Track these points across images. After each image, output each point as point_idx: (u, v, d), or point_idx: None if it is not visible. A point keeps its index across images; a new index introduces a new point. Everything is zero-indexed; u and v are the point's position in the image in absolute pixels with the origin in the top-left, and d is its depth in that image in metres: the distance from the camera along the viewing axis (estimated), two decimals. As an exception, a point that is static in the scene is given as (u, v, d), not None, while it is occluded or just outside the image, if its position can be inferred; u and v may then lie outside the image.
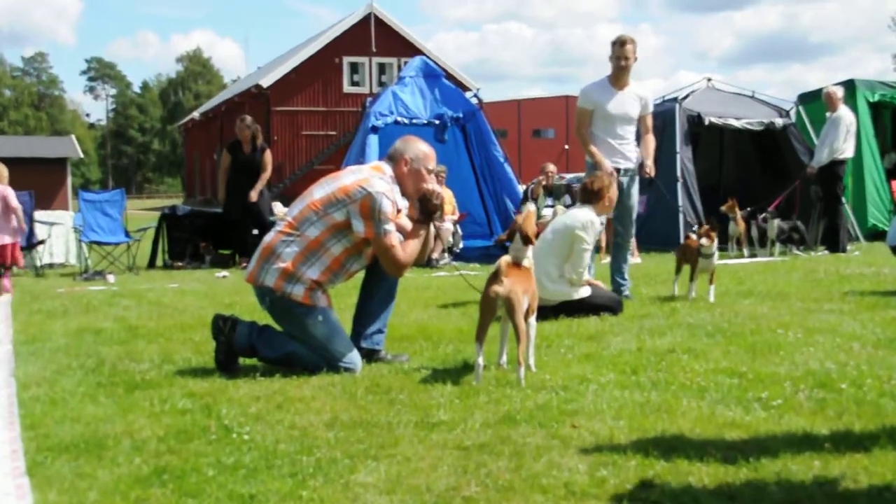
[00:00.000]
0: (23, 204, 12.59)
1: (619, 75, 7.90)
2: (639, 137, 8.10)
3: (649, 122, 8.16)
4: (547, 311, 6.40)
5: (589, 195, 6.75)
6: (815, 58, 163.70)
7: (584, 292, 6.65)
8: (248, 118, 13.24)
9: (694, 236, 7.27)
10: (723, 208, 12.06)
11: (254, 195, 12.71)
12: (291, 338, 5.00)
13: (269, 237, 5.09)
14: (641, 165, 7.86)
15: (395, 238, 4.98)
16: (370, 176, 5.02)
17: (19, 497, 2.98)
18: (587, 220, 6.56)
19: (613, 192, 6.85)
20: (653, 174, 7.91)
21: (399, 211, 5.16)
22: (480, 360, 4.52)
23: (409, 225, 5.19)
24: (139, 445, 3.55)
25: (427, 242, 5.22)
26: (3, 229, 10.23)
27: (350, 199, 4.91)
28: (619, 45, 7.86)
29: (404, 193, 5.19)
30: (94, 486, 3.06)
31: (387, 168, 5.15)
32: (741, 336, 5.62)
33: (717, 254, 7.28)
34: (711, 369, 4.66)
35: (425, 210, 5.14)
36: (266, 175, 12.95)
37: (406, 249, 5.04)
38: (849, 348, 5.14)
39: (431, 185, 5.17)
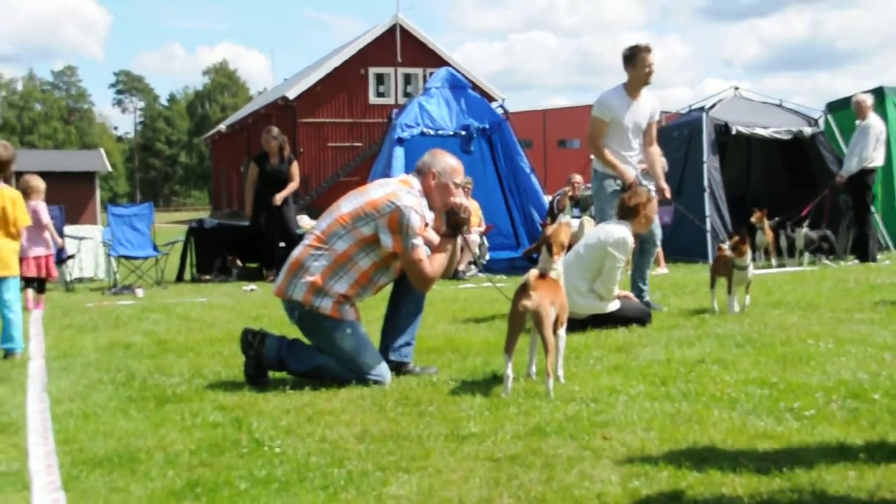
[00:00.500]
0: (54, 219, 12.73)
1: (639, 85, 7.75)
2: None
3: (654, 132, 8.01)
4: (575, 324, 6.36)
5: (626, 211, 6.69)
6: (842, 65, 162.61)
7: (614, 306, 6.60)
8: (275, 129, 13.26)
9: (726, 248, 7.11)
10: (752, 219, 11.98)
11: (278, 199, 12.72)
12: (320, 351, 5.02)
13: (297, 251, 5.11)
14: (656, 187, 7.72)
15: (422, 252, 4.99)
16: (398, 190, 5.04)
17: (55, 511, 3.01)
18: (621, 238, 6.50)
19: (651, 209, 6.77)
20: (669, 196, 7.80)
21: (427, 224, 5.17)
22: (510, 372, 4.52)
23: (436, 238, 5.20)
24: (172, 459, 3.57)
25: (454, 256, 5.23)
26: (36, 242, 10.31)
27: (378, 213, 4.93)
28: (647, 51, 7.68)
29: (432, 207, 5.19)
30: (128, 501, 3.09)
31: (414, 182, 5.17)
32: (771, 346, 5.58)
33: (752, 264, 7.17)
34: (742, 380, 4.63)
35: (452, 224, 5.15)
36: (294, 185, 12.98)
37: (433, 263, 5.05)
38: (880, 358, 5.09)
39: (459, 198, 5.18)
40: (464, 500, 2.98)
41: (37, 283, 10.08)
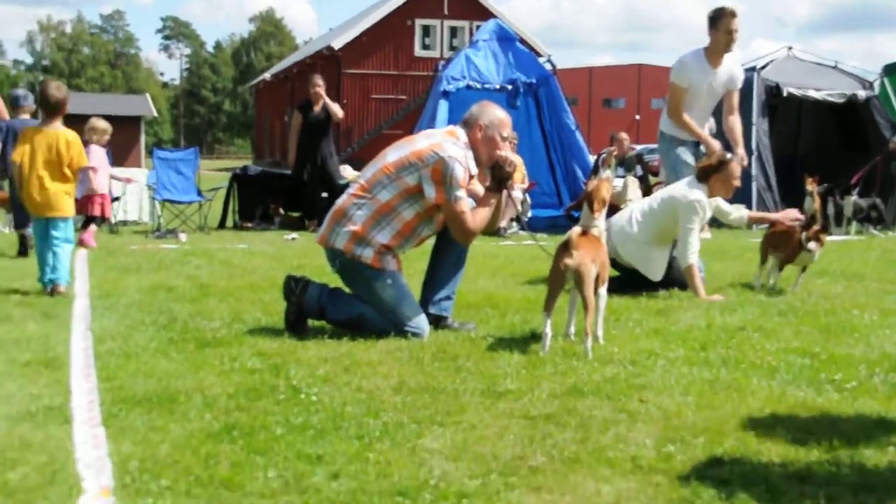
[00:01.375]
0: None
1: (723, 51, 7.43)
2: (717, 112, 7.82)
3: (735, 99, 7.69)
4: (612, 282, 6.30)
5: (706, 172, 6.38)
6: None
7: (657, 274, 6.40)
8: (320, 77, 13.21)
9: (799, 231, 6.43)
10: (808, 186, 11.81)
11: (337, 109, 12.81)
12: (361, 301, 5.03)
13: (341, 200, 5.11)
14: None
15: (465, 205, 4.95)
16: (443, 140, 5.00)
17: (95, 446, 3.05)
18: (696, 199, 6.24)
19: (732, 172, 6.38)
20: (745, 163, 7.36)
21: (472, 177, 5.13)
22: (548, 330, 4.50)
23: (480, 191, 5.16)
24: (210, 402, 3.61)
25: (498, 210, 5.19)
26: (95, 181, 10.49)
27: (423, 164, 4.90)
28: (732, 16, 7.34)
29: (477, 159, 5.13)
30: (166, 439, 3.13)
31: (461, 133, 5.12)
32: (814, 316, 5.52)
33: (819, 251, 6.46)
34: (783, 349, 4.58)
35: (497, 177, 5.11)
36: (338, 112, 12.96)
37: (476, 217, 5.02)
38: (926, 332, 5.01)
39: (505, 152, 5.13)
40: (497, 456, 2.98)
41: (86, 218, 10.37)
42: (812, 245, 6.34)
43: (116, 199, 13.00)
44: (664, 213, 6.34)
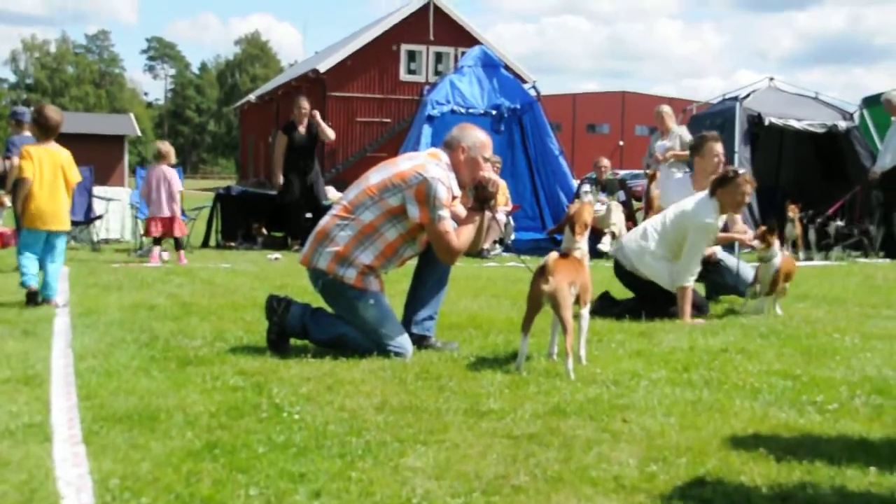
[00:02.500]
0: (83, 179, 12.82)
1: (711, 175, 6.96)
2: None
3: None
4: (624, 310, 6.36)
5: (717, 184, 6.37)
6: (878, 61, 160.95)
7: (671, 285, 6.35)
8: (305, 99, 13.25)
9: (755, 240, 6.67)
10: (789, 213, 11.92)
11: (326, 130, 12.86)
12: (343, 321, 5.02)
13: (324, 221, 5.11)
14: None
15: (449, 224, 4.96)
16: (426, 162, 5.02)
17: (75, 464, 3.03)
18: (709, 223, 6.28)
19: (737, 189, 6.34)
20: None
21: (455, 198, 5.14)
22: (524, 350, 4.56)
23: (463, 213, 5.18)
24: (191, 420, 3.59)
25: (481, 230, 5.21)
26: (167, 204, 11.00)
27: (406, 185, 4.91)
28: (715, 140, 7.25)
29: (460, 181, 5.16)
30: (147, 457, 3.11)
31: (443, 155, 5.14)
32: (796, 339, 5.54)
33: (777, 256, 6.59)
34: (765, 371, 4.60)
35: (480, 198, 5.14)
36: (330, 134, 13.02)
37: (460, 236, 5.03)
38: (907, 356, 5.04)
39: (487, 172, 5.15)
40: (480, 475, 2.97)
41: (174, 241, 11.06)
42: (755, 243, 6.59)
43: (99, 217, 12.95)
44: (676, 230, 6.38)
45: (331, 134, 12.99)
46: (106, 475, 2.91)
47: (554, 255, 4.63)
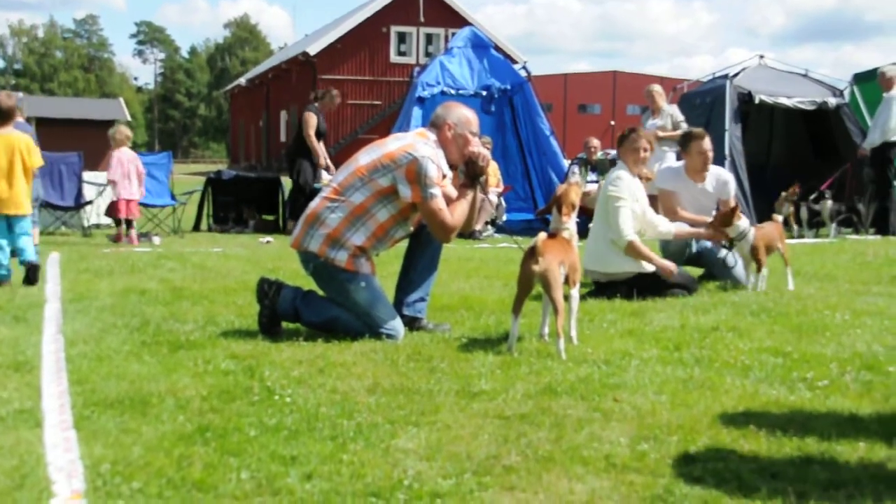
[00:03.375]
0: (72, 164, 12.79)
1: (700, 171, 7.21)
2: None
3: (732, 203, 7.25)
4: (616, 290, 6.30)
5: (617, 152, 6.54)
6: (868, 38, 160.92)
7: (648, 267, 6.31)
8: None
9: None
10: (784, 193, 11.97)
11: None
12: (334, 304, 5.02)
13: (314, 203, 5.10)
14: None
15: (441, 202, 4.95)
16: (415, 141, 5.01)
17: (67, 450, 3.02)
18: (613, 178, 6.31)
19: (631, 142, 6.36)
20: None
21: (444, 177, 5.13)
22: (515, 331, 4.56)
23: (453, 193, 5.17)
24: (183, 404, 3.59)
25: (474, 206, 5.19)
26: (137, 186, 11.19)
27: (396, 165, 4.90)
28: (700, 138, 7.17)
29: (449, 159, 5.14)
30: (138, 442, 3.11)
31: (431, 134, 5.13)
32: (787, 316, 5.55)
33: (749, 233, 6.62)
34: (756, 348, 4.61)
35: (471, 173, 5.13)
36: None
37: (454, 213, 5.02)
38: (897, 332, 5.06)
39: (476, 147, 5.15)
40: (472, 455, 2.98)
41: (125, 222, 11.08)
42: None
43: (89, 202, 12.91)
44: (606, 210, 6.33)
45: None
46: (97, 460, 2.91)
47: (543, 235, 4.63)
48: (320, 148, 12.72)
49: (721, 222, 6.65)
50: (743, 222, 6.67)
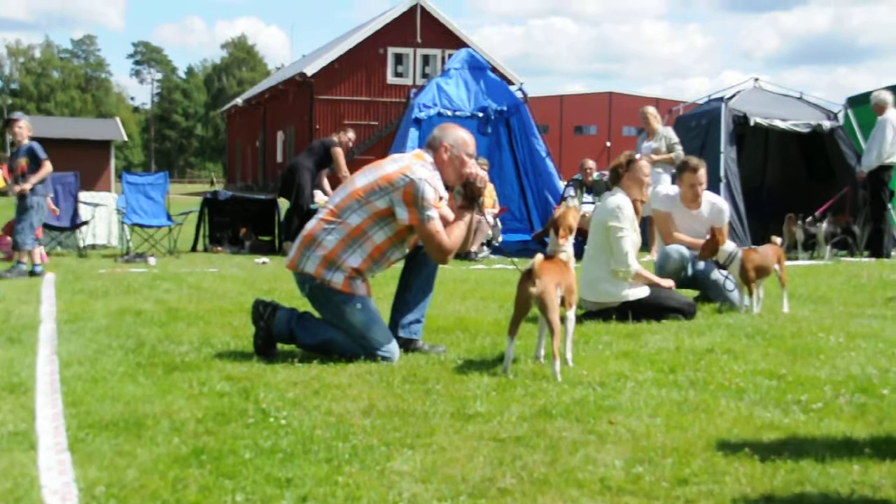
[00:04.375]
0: (68, 185, 12.80)
1: (692, 201, 7.31)
2: None
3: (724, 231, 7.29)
4: (610, 313, 6.27)
5: (611, 177, 6.45)
6: (862, 61, 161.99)
7: (643, 291, 6.32)
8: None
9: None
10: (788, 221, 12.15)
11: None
12: (330, 325, 5.02)
13: (310, 225, 5.11)
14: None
15: (438, 224, 4.96)
16: (412, 164, 5.02)
17: (61, 472, 3.02)
18: (614, 206, 6.23)
19: (636, 170, 6.32)
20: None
21: (441, 199, 5.15)
22: (510, 353, 4.58)
23: (450, 215, 5.18)
24: (178, 426, 3.59)
25: (471, 228, 5.21)
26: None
27: (393, 187, 4.92)
28: (693, 171, 7.22)
29: (445, 180, 5.15)
30: (133, 464, 3.10)
31: (427, 156, 5.15)
32: (781, 338, 5.56)
33: (737, 254, 6.63)
34: (750, 370, 4.62)
35: (469, 195, 5.14)
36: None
37: (451, 235, 5.03)
38: (891, 354, 5.07)
39: (473, 168, 5.16)
40: (467, 478, 2.98)
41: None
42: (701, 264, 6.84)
43: (85, 223, 12.91)
44: (604, 239, 6.26)
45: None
46: (92, 483, 2.91)
47: (540, 257, 4.65)
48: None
49: (707, 253, 6.69)
50: (728, 246, 6.68)
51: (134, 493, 2.83)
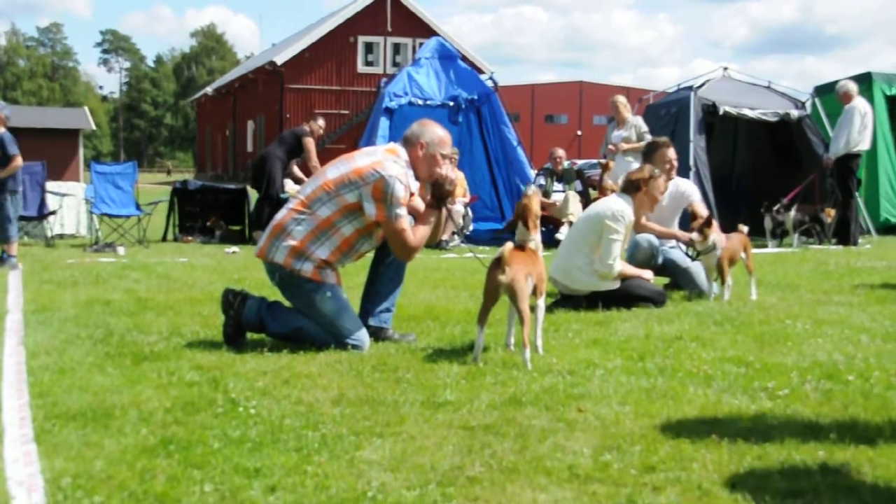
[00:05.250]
0: (35, 174, 12.66)
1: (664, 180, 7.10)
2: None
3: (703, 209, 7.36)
4: (580, 301, 6.30)
5: (627, 185, 6.45)
6: (829, 50, 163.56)
7: (613, 284, 6.32)
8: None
9: (695, 234, 6.73)
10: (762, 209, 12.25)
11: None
12: (300, 314, 5.01)
13: (281, 214, 5.09)
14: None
15: (405, 222, 4.97)
16: (384, 159, 5.01)
17: (27, 464, 3.00)
18: (618, 210, 6.23)
19: (655, 187, 6.42)
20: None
21: (412, 194, 5.15)
22: (480, 341, 4.59)
23: (420, 206, 5.18)
24: (146, 416, 3.57)
25: (437, 227, 5.22)
26: None
27: (363, 182, 4.90)
28: (666, 146, 7.21)
29: (418, 177, 5.16)
30: (100, 455, 3.08)
31: (402, 151, 5.13)
32: (749, 325, 5.61)
33: (717, 248, 6.68)
34: (718, 357, 4.65)
35: (437, 195, 5.14)
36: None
37: (416, 234, 5.04)
38: (857, 340, 5.13)
39: (445, 170, 5.16)
40: (436, 466, 2.99)
41: None
42: (694, 235, 6.69)
43: (53, 212, 12.79)
44: (594, 233, 6.28)
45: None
46: (58, 474, 2.89)
47: (509, 245, 4.65)
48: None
49: (699, 230, 6.69)
50: (716, 236, 6.71)
51: (101, 483, 2.82)
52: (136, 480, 2.85)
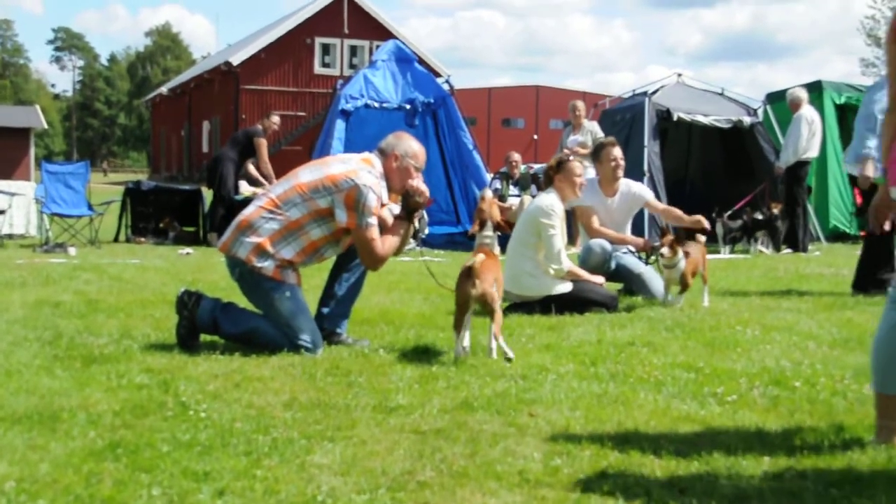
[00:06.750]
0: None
1: (612, 180, 7.37)
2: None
3: (659, 205, 7.82)
4: (533, 306, 6.33)
5: (545, 180, 6.59)
6: (780, 58, 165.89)
7: (566, 287, 6.40)
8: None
9: (665, 249, 6.69)
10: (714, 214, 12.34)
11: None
12: (255, 315, 5.00)
13: (248, 210, 5.07)
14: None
15: (375, 231, 5.00)
16: (359, 168, 5.03)
17: (-30, 467, 2.95)
18: (547, 205, 6.30)
19: (570, 172, 6.45)
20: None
21: (383, 204, 5.18)
22: (466, 344, 4.79)
23: (390, 218, 5.21)
24: (94, 419, 3.53)
25: (405, 239, 5.27)
26: None
27: (336, 189, 4.92)
28: (612, 146, 7.37)
29: (390, 188, 5.21)
30: (46, 459, 3.04)
31: (376, 162, 5.16)
32: (700, 331, 5.67)
33: (682, 262, 6.69)
34: (669, 363, 4.70)
35: (408, 206, 5.19)
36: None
37: (385, 244, 5.08)
38: (804, 347, 5.20)
39: (416, 182, 5.19)
40: (387, 471, 2.98)
41: None
42: (665, 251, 6.66)
43: (2, 212, 12.60)
44: (532, 233, 6.35)
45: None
46: (1, 478, 2.84)
47: (481, 257, 4.78)
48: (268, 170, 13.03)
49: (670, 246, 6.67)
50: (682, 254, 6.71)
51: (46, 487, 2.78)
52: (82, 484, 2.81)
